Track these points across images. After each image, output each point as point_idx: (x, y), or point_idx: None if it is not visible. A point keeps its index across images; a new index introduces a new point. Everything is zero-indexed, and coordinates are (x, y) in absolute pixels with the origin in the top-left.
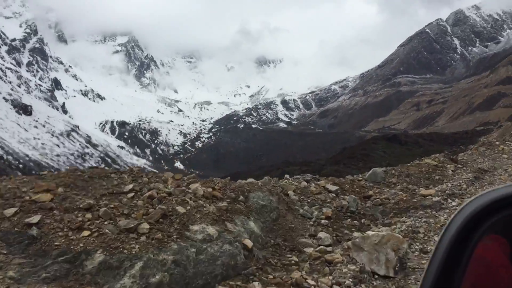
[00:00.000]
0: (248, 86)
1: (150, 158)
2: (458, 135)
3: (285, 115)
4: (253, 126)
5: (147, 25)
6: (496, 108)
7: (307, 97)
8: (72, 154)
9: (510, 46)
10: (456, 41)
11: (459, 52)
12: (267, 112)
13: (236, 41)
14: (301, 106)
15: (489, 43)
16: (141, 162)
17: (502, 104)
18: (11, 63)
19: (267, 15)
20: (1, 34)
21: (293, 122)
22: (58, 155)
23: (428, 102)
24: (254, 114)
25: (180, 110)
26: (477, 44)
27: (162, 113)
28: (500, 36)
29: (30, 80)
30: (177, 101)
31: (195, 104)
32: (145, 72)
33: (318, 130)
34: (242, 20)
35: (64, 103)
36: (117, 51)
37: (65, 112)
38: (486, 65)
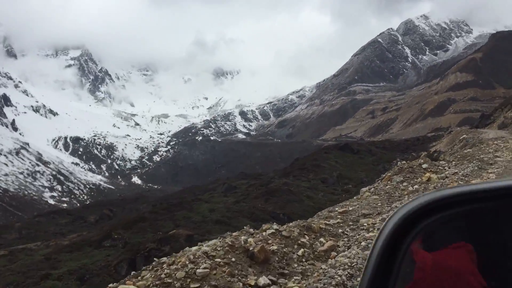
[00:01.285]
0: (206, 98)
1: (106, 174)
2: (410, 141)
3: (244, 126)
4: (212, 138)
5: (101, 38)
6: (447, 114)
7: (265, 108)
8: (21, 173)
9: (458, 53)
10: (407, 50)
11: (410, 61)
12: (226, 123)
13: (192, 52)
14: (259, 117)
15: (438, 51)
16: (97, 179)
17: (452, 110)
18: None
19: (222, 26)
20: None
21: (251, 133)
22: (6, 175)
23: (383, 110)
24: (213, 126)
25: (137, 124)
26: (427, 52)
27: (118, 128)
28: (448, 44)
29: None
30: (133, 115)
31: (152, 117)
32: (99, 86)
33: (277, 140)
34: (197, 32)
35: (14, 120)
36: (70, 65)
37: (15, 129)
38: (436, 73)
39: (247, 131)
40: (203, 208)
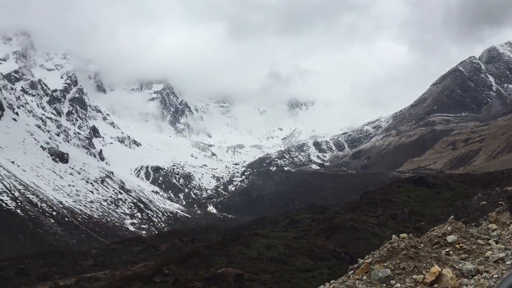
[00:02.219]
0: (281, 129)
1: (184, 203)
2: (493, 175)
3: (318, 156)
4: (286, 168)
5: (182, 72)
6: None
7: (340, 138)
8: (105, 200)
9: None
10: (491, 78)
11: (495, 89)
12: (300, 154)
13: (267, 84)
14: (334, 148)
15: None
16: (175, 207)
17: None
18: (52, 113)
19: (296, 58)
20: (43, 85)
21: (325, 163)
22: (91, 202)
23: (465, 141)
24: (287, 156)
25: (214, 154)
26: None
27: (196, 158)
28: None
29: (69, 129)
30: (210, 145)
31: (228, 148)
32: (179, 118)
33: (351, 171)
34: (272, 64)
35: (101, 150)
36: (153, 98)
37: (102, 158)
38: None
39: (321, 162)
40: (260, 244)
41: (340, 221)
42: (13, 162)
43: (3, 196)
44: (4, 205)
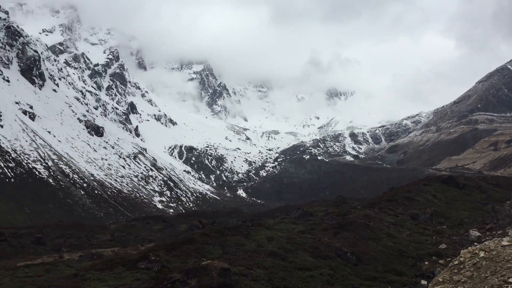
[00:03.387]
0: (318, 118)
1: (214, 184)
2: None
3: (353, 148)
4: (319, 157)
5: (222, 55)
6: None
7: (377, 131)
8: (136, 176)
9: None
10: None
11: None
12: (335, 144)
13: (307, 71)
14: (370, 140)
15: None
16: (205, 188)
17: None
18: (92, 87)
19: (338, 46)
20: (86, 59)
21: (360, 156)
22: (122, 176)
23: (508, 142)
24: (321, 145)
25: (248, 138)
26: None
27: (230, 140)
28: None
29: (108, 103)
30: (245, 129)
31: (263, 133)
32: (217, 99)
33: (386, 165)
34: (312, 51)
35: (137, 127)
36: (192, 79)
37: (137, 135)
38: None
39: (356, 154)
40: (261, 236)
41: (354, 217)
42: (49, 132)
43: (37, 164)
44: (37, 173)
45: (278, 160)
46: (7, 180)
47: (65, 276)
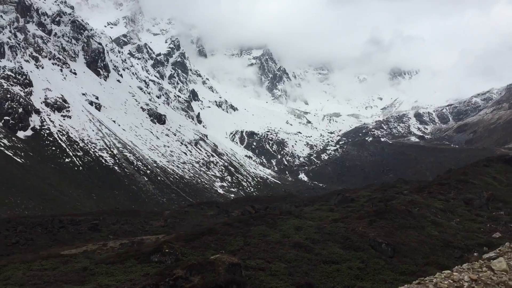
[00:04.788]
0: (381, 98)
1: (275, 169)
2: None
3: (418, 128)
4: (382, 139)
5: (281, 39)
6: None
7: (444, 110)
8: (197, 162)
9: None
10: None
11: None
12: (399, 125)
13: (368, 51)
14: (436, 120)
15: None
16: (266, 173)
17: None
18: (155, 76)
19: (399, 23)
20: (149, 49)
21: (426, 136)
22: (184, 163)
23: None
24: (385, 127)
25: (309, 122)
26: None
27: (291, 124)
28: None
29: (170, 92)
30: (306, 113)
31: (324, 116)
32: (277, 84)
33: (454, 145)
34: (373, 29)
35: (199, 113)
36: (251, 64)
37: (199, 121)
38: None
39: (421, 135)
40: (289, 225)
41: (397, 203)
42: (114, 121)
43: (103, 152)
44: (103, 161)
45: (340, 143)
46: (75, 168)
47: (75, 270)
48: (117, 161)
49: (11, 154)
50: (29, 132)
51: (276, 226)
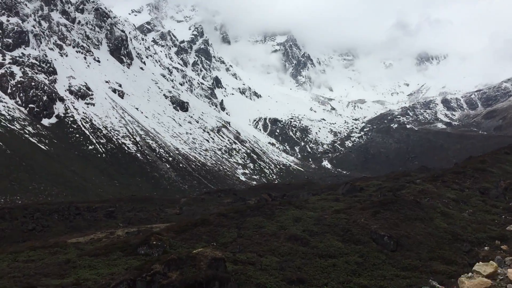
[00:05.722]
0: (407, 84)
1: (299, 156)
2: None
3: (445, 115)
4: (408, 126)
5: (305, 24)
6: None
7: (472, 96)
8: (219, 149)
9: None
10: None
11: None
12: (425, 111)
13: (394, 36)
14: (465, 106)
15: None
16: (289, 160)
17: None
18: (179, 63)
19: (426, 6)
20: (172, 36)
21: (453, 123)
22: (206, 150)
23: None
24: (411, 113)
25: (333, 109)
26: None
27: (315, 111)
28: None
29: (194, 79)
30: (330, 99)
31: (349, 102)
32: (301, 70)
33: (482, 132)
34: (398, 13)
35: (222, 100)
36: (275, 50)
37: (223, 109)
38: None
39: (449, 121)
40: (287, 216)
41: (406, 193)
42: (137, 109)
43: (126, 140)
44: (126, 148)
45: (365, 130)
46: (99, 155)
47: (58, 262)
48: (140, 148)
49: (35, 142)
50: (53, 120)
51: (274, 217)
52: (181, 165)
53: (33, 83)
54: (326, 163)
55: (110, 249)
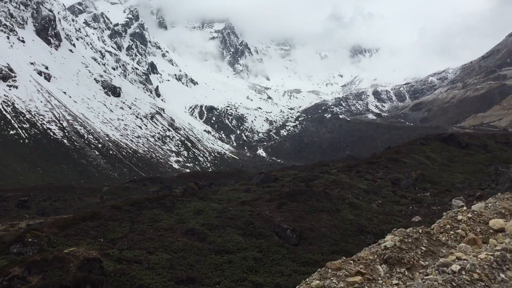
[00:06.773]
0: (341, 76)
1: (234, 144)
2: None
3: (376, 106)
4: (341, 116)
5: (244, 13)
6: None
7: (401, 89)
8: (152, 136)
9: None
10: None
11: None
12: (357, 102)
13: (329, 28)
14: (394, 98)
15: None
16: (224, 148)
17: None
18: (112, 47)
19: (360, 0)
20: (105, 19)
21: (383, 114)
22: (138, 137)
23: None
24: (344, 104)
25: (269, 98)
26: None
27: (251, 100)
28: None
29: (128, 64)
30: (267, 88)
31: (285, 92)
32: (239, 59)
33: (409, 123)
34: (333, 5)
35: (158, 87)
36: (213, 38)
37: (158, 95)
38: None
39: (379, 112)
40: (188, 209)
41: (318, 183)
42: (65, 93)
43: (52, 125)
44: (51, 134)
45: (299, 119)
46: (21, 141)
47: None
48: (67, 134)
49: None
50: None
51: (173, 210)
52: (111, 152)
53: None
54: (261, 152)
55: None
